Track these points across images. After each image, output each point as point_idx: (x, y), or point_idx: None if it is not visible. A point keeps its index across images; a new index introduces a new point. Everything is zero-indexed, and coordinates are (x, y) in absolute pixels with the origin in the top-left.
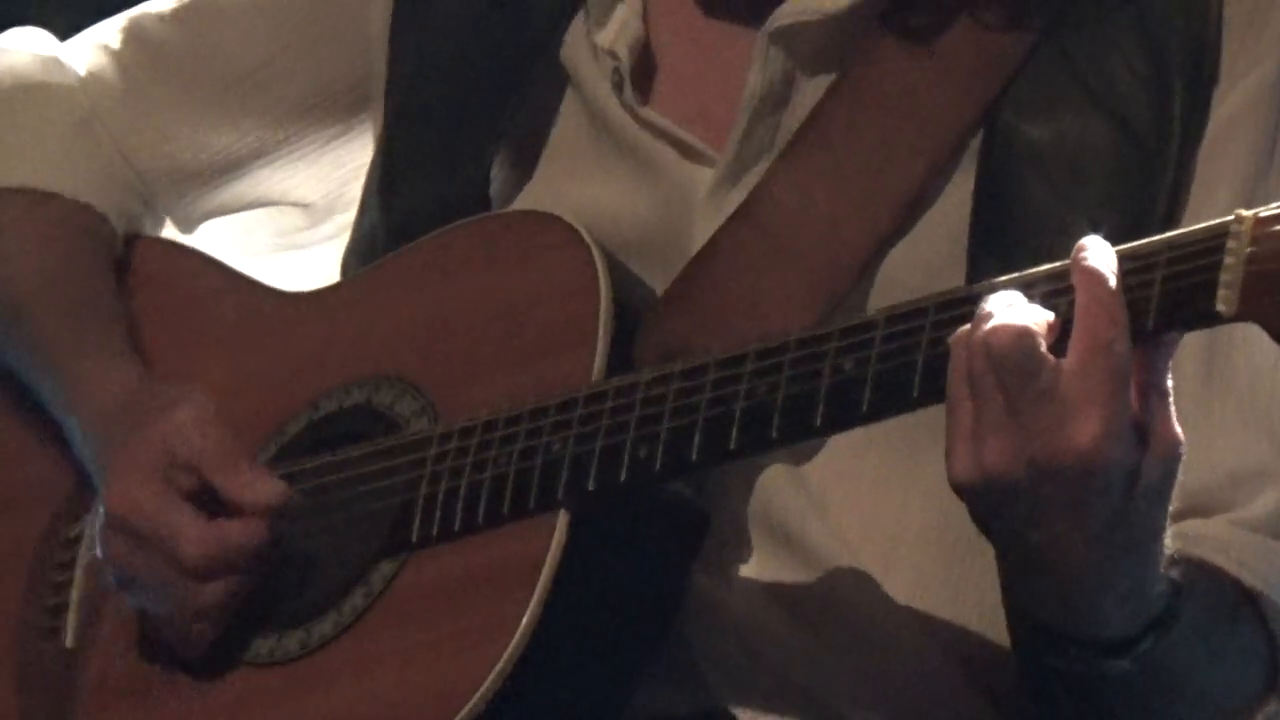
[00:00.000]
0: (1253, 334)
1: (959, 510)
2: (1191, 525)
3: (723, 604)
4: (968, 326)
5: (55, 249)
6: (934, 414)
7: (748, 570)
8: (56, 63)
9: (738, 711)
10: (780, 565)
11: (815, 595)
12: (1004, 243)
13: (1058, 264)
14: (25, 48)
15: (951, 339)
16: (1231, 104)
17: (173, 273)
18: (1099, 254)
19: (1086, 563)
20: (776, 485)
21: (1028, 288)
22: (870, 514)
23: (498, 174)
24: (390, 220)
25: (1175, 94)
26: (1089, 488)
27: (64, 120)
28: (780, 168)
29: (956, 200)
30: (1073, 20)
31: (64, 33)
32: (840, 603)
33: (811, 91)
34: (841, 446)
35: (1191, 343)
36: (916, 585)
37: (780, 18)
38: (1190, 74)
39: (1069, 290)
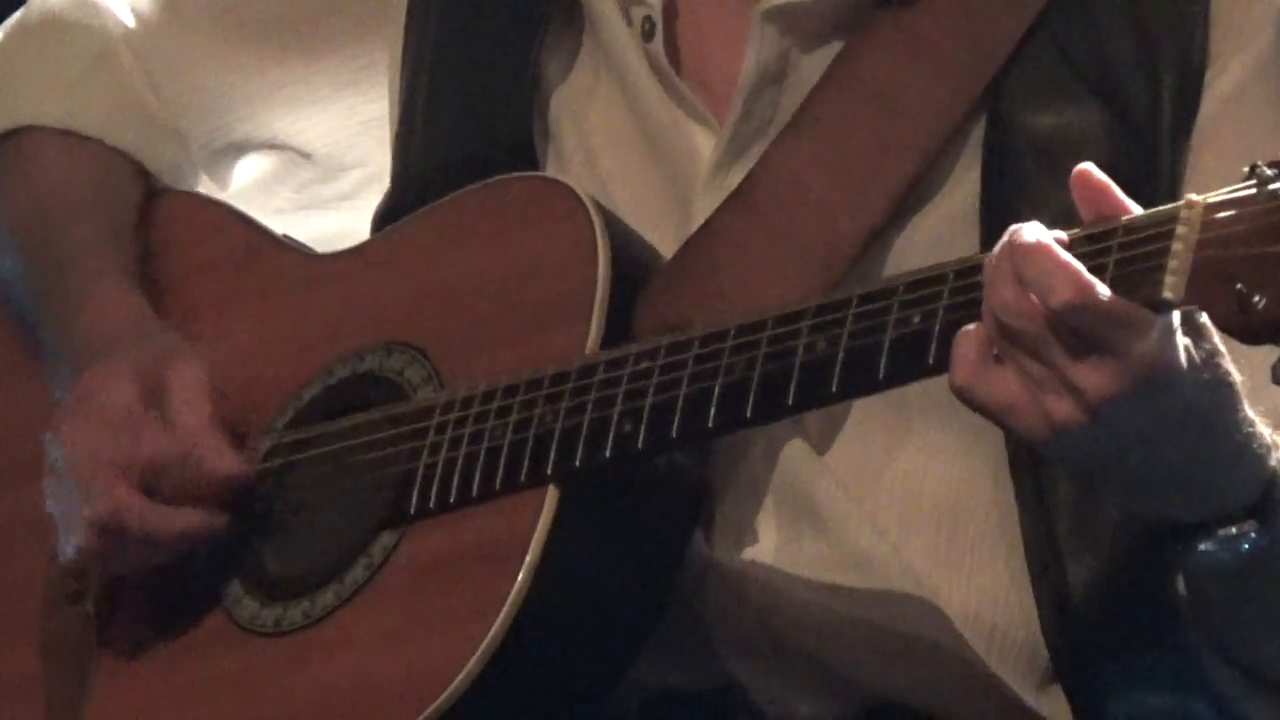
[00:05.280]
0: None
1: (974, 483)
2: None
3: (741, 579)
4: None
5: (76, 182)
6: (929, 391)
7: (768, 545)
8: (85, 2)
9: (753, 686)
10: (801, 538)
11: (836, 566)
12: None
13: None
14: None
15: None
16: (1226, 83)
17: (202, 228)
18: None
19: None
20: (797, 457)
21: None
22: (888, 484)
23: (512, 125)
24: (409, 174)
25: (1165, 76)
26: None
27: (84, 56)
28: (775, 152)
29: (964, 192)
30: (1064, 8)
31: None
32: (860, 572)
33: (808, 67)
34: (857, 418)
35: None
36: (935, 555)
37: None
38: (1180, 56)
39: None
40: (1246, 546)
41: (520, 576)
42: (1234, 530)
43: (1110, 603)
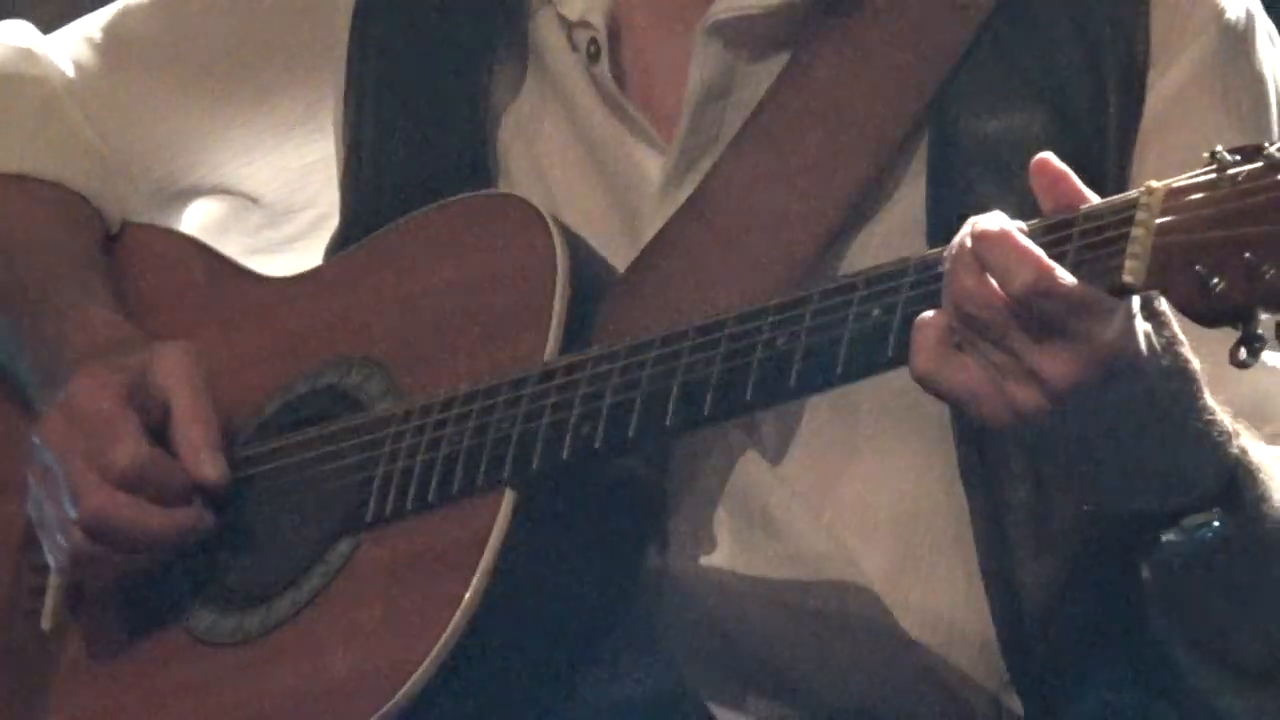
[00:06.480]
0: None
1: (929, 490)
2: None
3: (696, 585)
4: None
5: (39, 220)
6: (880, 401)
7: (723, 555)
8: (29, 54)
9: (707, 693)
10: (757, 548)
11: (791, 569)
12: None
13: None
14: (1, 40)
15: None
16: (1170, 84)
17: (162, 257)
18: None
19: (1154, 437)
20: (752, 469)
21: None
22: (843, 494)
23: (463, 150)
24: (360, 205)
25: (1109, 79)
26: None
27: (29, 105)
28: (726, 164)
29: (910, 199)
30: (1007, 14)
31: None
32: (817, 584)
33: (753, 81)
34: (811, 429)
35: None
36: (892, 562)
37: (717, 12)
38: (1124, 58)
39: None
40: (1211, 535)
41: (475, 578)
42: (1198, 519)
43: (1066, 605)
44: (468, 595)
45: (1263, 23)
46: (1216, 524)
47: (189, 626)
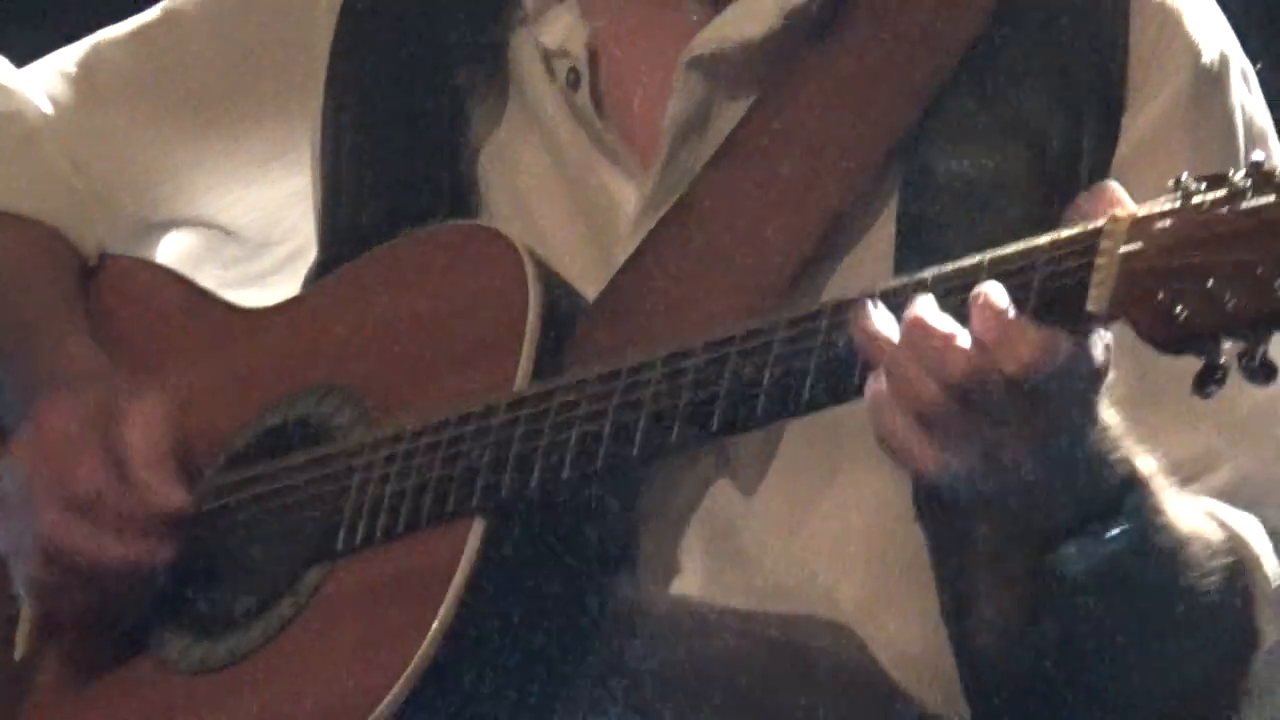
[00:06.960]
0: None
1: (902, 519)
2: None
3: (667, 616)
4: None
5: (20, 255)
6: (857, 430)
7: (694, 585)
8: (2, 89)
9: None
10: (728, 579)
11: (764, 609)
12: None
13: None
14: None
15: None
16: (1143, 126)
17: (140, 289)
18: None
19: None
20: (725, 500)
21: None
22: (816, 524)
23: (442, 179)
24: (338, 234)
25: (1087, 120)
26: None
27: (4, 141)
28: (705, 182)
29: (882, 232)
30: (985, 53)
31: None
32: (790, 616)
33: (731, 115)
34: (785, 459)
35: (1121, 354)
36: (864, 591)
37: (697, 46)
38: (1100, 98)
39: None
40: (1113, 544)
41: (444, 607)
42: (1101, 527)
43: (1021, 641)
44: (435, 623)
45: (1238, 61)
46: (1117, 530)
47: (160, 655)
